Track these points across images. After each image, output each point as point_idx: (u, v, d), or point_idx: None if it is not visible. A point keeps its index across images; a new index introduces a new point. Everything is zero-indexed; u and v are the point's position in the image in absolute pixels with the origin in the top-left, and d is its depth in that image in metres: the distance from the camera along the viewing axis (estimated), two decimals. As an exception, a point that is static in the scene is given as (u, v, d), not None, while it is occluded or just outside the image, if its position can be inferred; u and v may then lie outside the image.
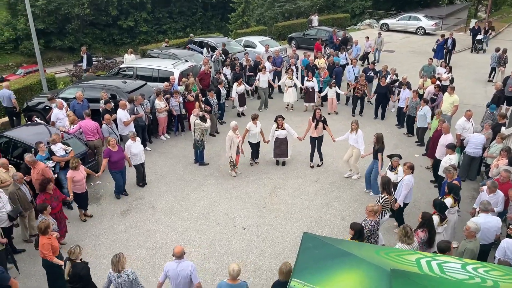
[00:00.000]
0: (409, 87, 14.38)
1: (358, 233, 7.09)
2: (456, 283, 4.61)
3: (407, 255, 5.34)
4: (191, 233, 9.54)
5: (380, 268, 4.93)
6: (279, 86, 17.50)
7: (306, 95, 16.01)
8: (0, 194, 8.29)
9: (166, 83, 14.01)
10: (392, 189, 8.79)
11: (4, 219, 8.21)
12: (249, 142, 12.03)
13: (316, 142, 12.05)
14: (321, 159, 12.37)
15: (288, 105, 16.43)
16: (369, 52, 20.87)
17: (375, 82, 15.89)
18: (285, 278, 5.94)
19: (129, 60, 18.39)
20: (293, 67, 16.98)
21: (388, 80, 15.41)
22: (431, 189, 11.02)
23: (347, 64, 18.16)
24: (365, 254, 5.27)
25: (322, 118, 11.83)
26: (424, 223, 7.44)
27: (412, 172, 9.11)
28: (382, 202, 8.50)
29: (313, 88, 15.74)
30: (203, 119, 11.92)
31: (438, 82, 14.66)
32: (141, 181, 11.33)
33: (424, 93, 14.47)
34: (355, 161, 11.42)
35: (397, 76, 15.57)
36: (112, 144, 10.22)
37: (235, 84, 15.11)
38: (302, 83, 16.89)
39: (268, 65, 16.98)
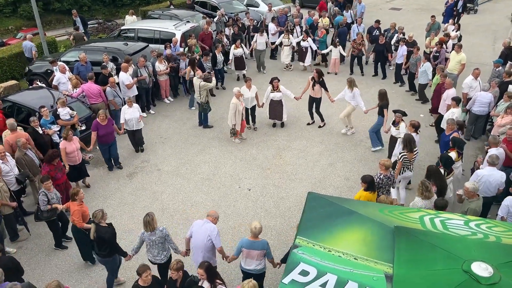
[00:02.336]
0: (414, 45, 14.07)
1: (371, 184, 7.27)
2: (458, 239, 4.68)
3: (411, 213, 5.40)
4: (197, 194, 9.67)
5: (384, 225, 4.99)
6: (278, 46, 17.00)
7: (299, 54, 15.81)
8: (8, 158, 8.37)
9: (168, 51, 13.51)
10: (413, 146, 8.65)
11: (12, 183, 8.33)
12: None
13: (314, 103, 11.99)
14: (322, 120, 12.33)
15: (287, 66, 16.22)
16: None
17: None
18: None
19: (131, 21, 18.06)
20: (298, 27, 16.63)
21: (395, 39, 15.16)
22: (436, 148, 11.00)
23: (352, 23, 17.74)
24: (369, 212, 5.33)
25: (320, 79, 11.65)
26: (430, 175, 7.54)
27: (415, 131, 9.06)
28: (401, 159, 8.50)
29: (307, 48, 15.52)
30: (208, 79, 11.80)
31: (450, 40, 14.43)
32: (136, 147, 11.22)
33: (431, 52, 14.21)
34: (347, 116, 11.52)
35: (403, 35, 15.23)
36: (101, 118, 9.81)
37: (233, 46, 14.66)
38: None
39: (272, 26, 16.61)
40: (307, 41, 15.38)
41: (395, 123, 9.77)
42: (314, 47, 15.80)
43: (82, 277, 7.66)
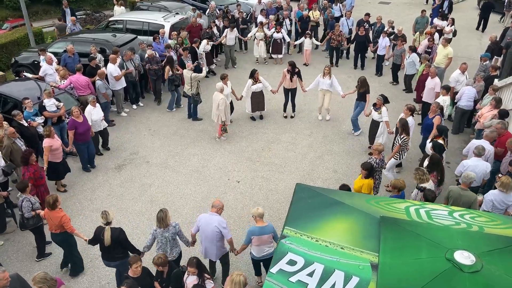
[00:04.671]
0: (404, 38, 14.21)
1: (370, 171, 7.59)
2: (442, 229, 4.77)
3: (396, 203, 5.48)
4: (186, 187, 9.68)
5: (370, 215, 5.07)
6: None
7: (274, 47, 15.89)
8: (-6, 149, 8.29)
9: (150, 52, 12.70)
10: (409, 130, 9.11)
11: (-1, 174, 8.25)
12: None
13: (290, 94, 12.17)
14: (294, 110, 12.55)
15: (258, 59, 16.21)
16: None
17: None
18: None
19: (119, 12, 17.87)
20: (287, 20, 16.63)
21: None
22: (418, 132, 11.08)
23: (341, 16, 17.80)
24: (356, 203, 5.40)
25: (296, 70, 11.85)
26: (433, 164, 7.78)
27: (411, 114, 9.42)
28: (401, 142, 8.88)
29: (281, 40, 15.62)
30: (198, 70, 11.74)
31: (437, 34, 14.59)
32: (104, 145, 10.87)
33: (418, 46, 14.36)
34: (328, 104, 11.93)
35: (393, 28, 15.33)
36: (76, 115, 9.38)
37: (204, 41, 14.28)
38: (296, 37, 16.70)
39: (261, 18, 16.58)
40: (281, 32, 15.49)
41: (376, 108, 10.03)
42: (287, 39, 15.98)
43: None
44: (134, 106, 13.05)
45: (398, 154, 9.06)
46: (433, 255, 4.20)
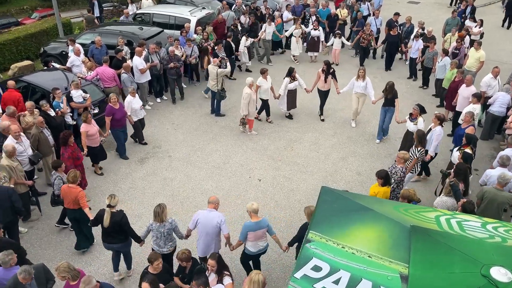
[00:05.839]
0: (433, 39, 13.86)
1: (387, 179, 7.23)
2: (476, 242, 4.58)
3: (426, 212, 5.31)
4: (207, 183, 9.65)
5: (399, 224, 4.91)
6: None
7: (310, 44, 15.69)
8: (22, 138, 8.39)
9: (172, 49, 12.52)
10: (425, 142, 8.76)
11: (25, 163, 8.35)
12: (261, 99, 11.67)
13: (325, 95, 11.99)
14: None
15: (294, 57, 16.04)
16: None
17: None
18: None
19: (147, 5, 17.96)
20: (313, 17, 16.41)
21: (414, 33, 14.92)
22: (446, 141, 10.80)
23: (369, 15, 17.48)
24: (384, 210, 5.23)
25: (331, 71, 11.62)
26: (459, 173, 7.44)
27: (440, 124, 9.06)
28: (418, 155, 8.52)
29: (318, 37, 15.45)
30: (223, 65, 11.76)
31: (467, 36, 14.16)
32: (141, 139, 10.93)
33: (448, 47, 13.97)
34: (361, 107, 11.66)
35: (423, 29, 14.94)
36: (113, 102, 9.64)
37: (243, 38, 14.35)
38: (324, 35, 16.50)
39: (286, 14, 16.41)
40: (319, 30, 15.28)
41: (413, 118, 9.61)
42: (322, 38, 15.76)
43: (92, 259, 7.71)
44: (158, 100, 13.08)
45: (414, 167, 8.70)
46: (468, 270, 4.03)
